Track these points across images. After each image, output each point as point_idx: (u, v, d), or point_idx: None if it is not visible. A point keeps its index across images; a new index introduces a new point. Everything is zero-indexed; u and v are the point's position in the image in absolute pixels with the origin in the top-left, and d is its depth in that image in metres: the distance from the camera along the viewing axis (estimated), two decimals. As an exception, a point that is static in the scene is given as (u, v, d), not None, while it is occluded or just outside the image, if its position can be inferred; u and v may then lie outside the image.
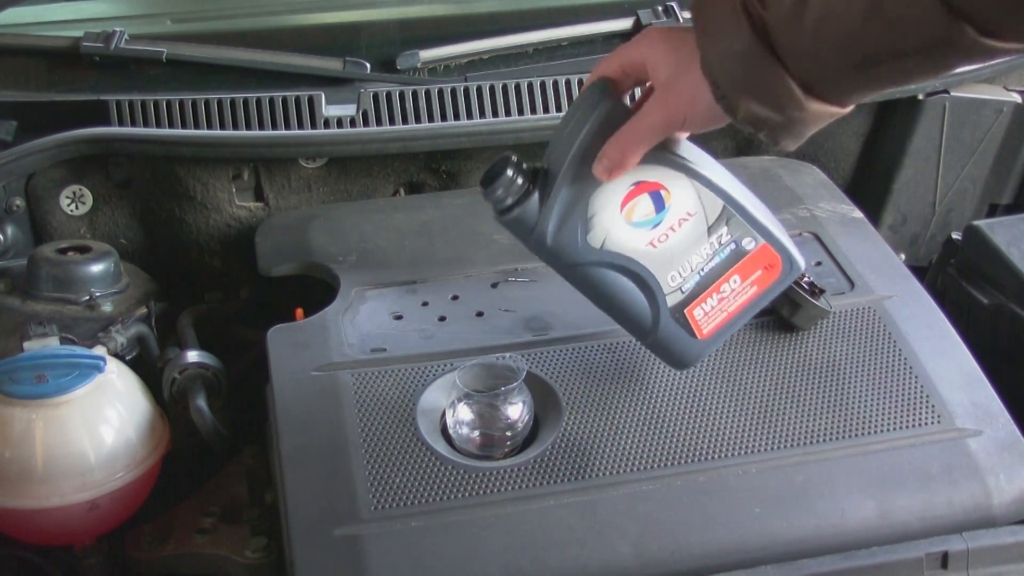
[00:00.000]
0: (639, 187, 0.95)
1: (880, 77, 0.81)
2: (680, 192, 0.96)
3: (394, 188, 1.51)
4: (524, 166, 0.95)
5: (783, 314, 1.13)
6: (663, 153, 0.94)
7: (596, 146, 0.92)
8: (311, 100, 1.42)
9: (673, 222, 0.96)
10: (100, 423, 1.07)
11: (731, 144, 1.60)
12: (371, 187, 1.49)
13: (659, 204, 0.96)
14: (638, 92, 1.02)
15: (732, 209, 0.97)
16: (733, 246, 0.98)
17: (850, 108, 0.86)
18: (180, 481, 1.19)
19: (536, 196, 0.94)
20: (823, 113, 0.84)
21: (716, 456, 1.02)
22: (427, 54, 1.50)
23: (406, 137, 1.42)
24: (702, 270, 0.98)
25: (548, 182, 0.94)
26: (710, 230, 0.97)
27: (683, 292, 0.99)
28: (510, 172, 0.94)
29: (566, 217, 0.95)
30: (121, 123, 1.39)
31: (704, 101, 0.85)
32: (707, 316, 1.00)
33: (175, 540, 1.12)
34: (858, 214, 1.36)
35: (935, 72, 0.80)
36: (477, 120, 1.43)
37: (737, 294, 1.00)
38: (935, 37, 0.75)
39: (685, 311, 0.99)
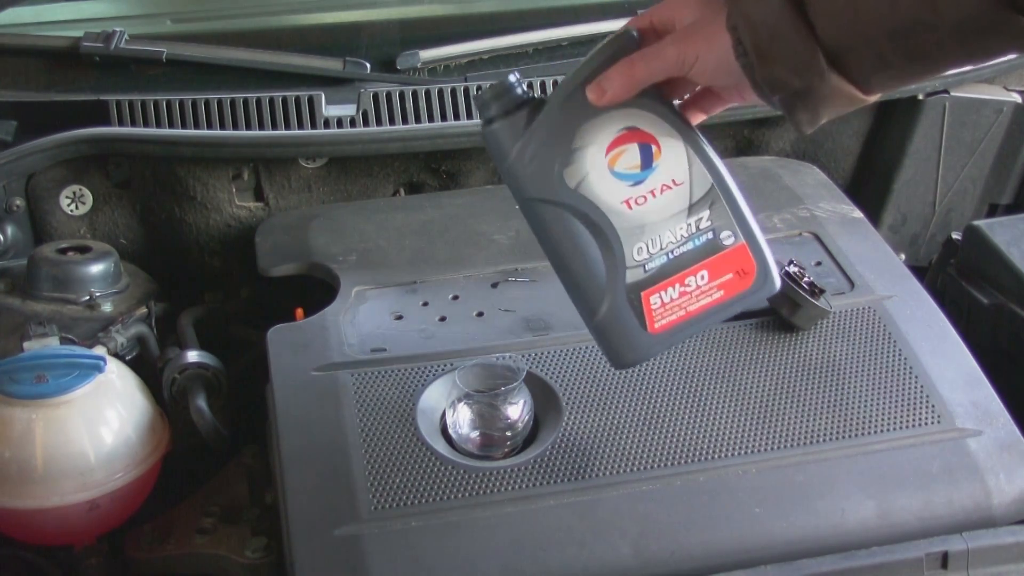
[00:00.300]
0: (631, 134, 0.89)
1: (910, 54, 0.77)
2: (671, 154, 0.89)
3: (394, 188, 1.51)
4: (526, 87, 0.91)
5: (783, 314, 1.13)
6: (666, 107, 0.90)
7: (598, 73, 0.87)
8: (311, 100, 1.42)
9: (655, 186, 0.89)
10: (100, 423, 1.07)
11: (731, 144, 1.60)
12: (371, 187, 1.49)
13: (647, 160, 0.89)
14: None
15: (720, 192, 0.91)
16: (710, 235, 0.91)
17: (870, 99, 0.83)
18: (180, 481, 1.19)
19: (525, 114, 0.89)
20: (842, 93, 0.81)
21: (716, 456, 1.02)
22: (427, 54, 1.50)
23: (406, 137, 1.42)
24: (671, 253, 0.90)
25: (542, 108, 0.89)
26: (691, 209, 0.90)
27: (645, 271, 0.90)
28: (507, 82, 0.89)
29: (549, 142, 0.89)
30: (121, 123, 1.39)
31: (720, 48, 0.82)
32: (664, 308, 0.91)
33: (175, 540, 1.12)
34: (858, 214, 1.36)
35: (967, 56, 0.77)
36: (477, 120, 1.43)
37: (701, 293, 0.91)
38: (974, 14, 0.73)
39: (642, 294, 0.90)
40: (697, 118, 0.94)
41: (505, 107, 0.89)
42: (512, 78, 0.90)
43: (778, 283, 0.93)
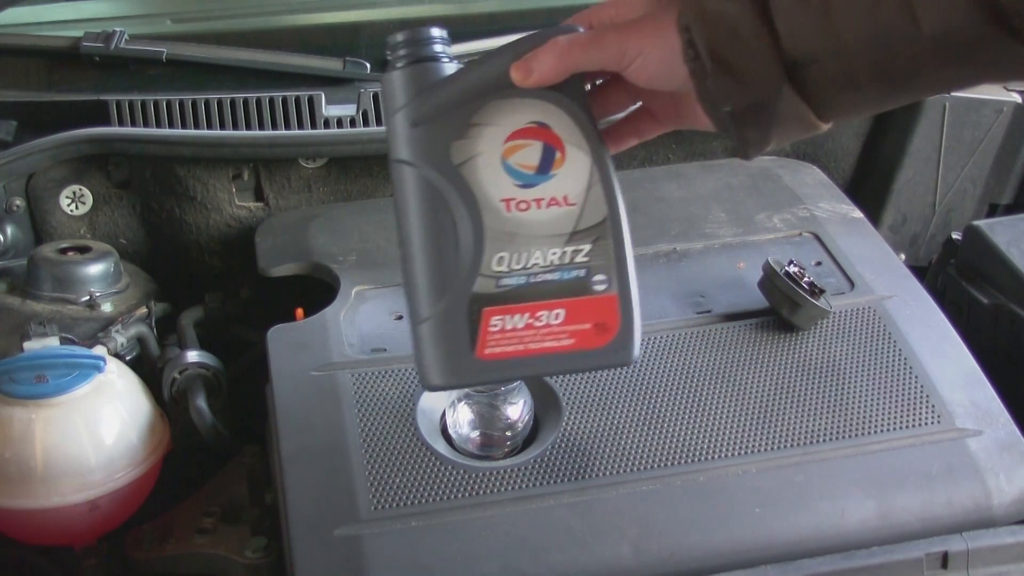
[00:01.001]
0: (539, 130, 0.79)
1: (879, 71, 0.70)
2: (574, 168, 0.79)
3: (394, 188, 1.51)
4: (446, 47, 0.81)
5: (783, 314, 1.13)
6: (586, 115, 0.80)
7: (529, 51, 0.78)
8: (311, 100, 1.42)
9: (544, 196, 0.78)
10: (100, 423, 1.07)
11: (730, 144, 1.59)
12: (371, 187, 1.49)
13: (546, 164, 0.78)
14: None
15: (610, 229, 0.79)
16: (582, 273, 0.79)
17: (823, 127, 0.75)
18: (180, 481, 1.19)
19: (434, 70, 0.79)
20: (796, 115, 0.73)
21: (716, 456, 1.02)
22: (427, 54, 1.49)
23: (406, 137, 1.42)
24: (533, 276, 0.78)
25: (454, 71, 0.80)
26: (572, 236, 0.79)
27: (498, 286, 0.78)
28: (426, 31, 0.80)
29: (449, 108, 0.78)
30: (121, 123, 1.39)
31: (667, 47, 0.73)
32: (502, 335, 0.78)
33: (175, 540, 1.12)
34: (858, 214, 1.36)
35: (941, 80, 0.72)
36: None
37: (549, 334, 0.79)
38: (957, 27, 0.67)
39: (484, 310, 0.78)
40: (627, 142, 0.86)
41: (416, 55, 0.80)
42: (435, 30, 0.81)
43: (636, 354, 0.81)
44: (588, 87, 0.82)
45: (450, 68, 0.80)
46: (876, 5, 0.68)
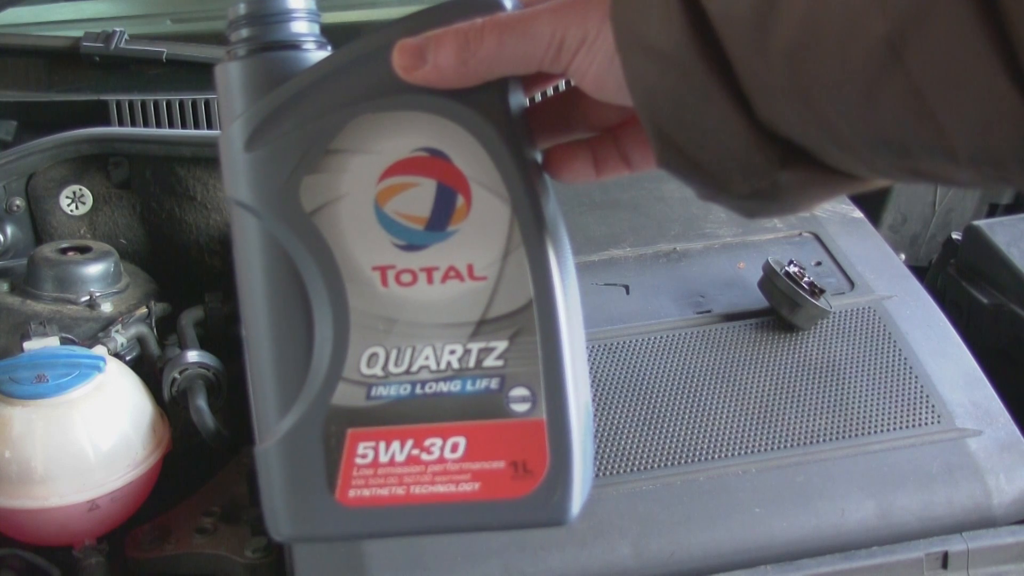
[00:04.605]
0: (432, 163, 0.52)
1: (914, 172, 0.44)
2: (484, 224, 0.52)
3: (394, 188, 1.50)
4: (314, 27, 0.56)
5: (783, 314, 1.13)
6: (513, 146, 0.52)
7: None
8: (311, 100, 1.42)
9: (438, 265, 0.53)
10: (100, 423, 1.07)
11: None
12: (371, 187, 1.49)
13: (442, 215, 0.52)
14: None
15: (538, 316, 0.53)
16: (494, 385, 0.53)
17: (877, 183, 0.48)
18: (180, 481, 1.19)
19: (291, 63, 0.54)
20: (818, 181, 0.47)
21: (716, 456, 1.02)
22: (427, 54, 1.49)
23: (406, 137, 1.41)
24: (421, 385, 0.53)
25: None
26: (480, 327, 0.53)
27: (369, 397, 0.53)
28: (281, 4, 0.55)
29: (301, 121, 0.53)
30: (121, 123, 1.40)
31: (611, 42, 0.47)
32: (373, 471, 0.54)
33: (175, 540, 1.12)
34: (858, 214, 1.36)
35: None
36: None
37: (442, 475, 0.53)
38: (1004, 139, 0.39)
39: (349, 432, 0.54)
40: (610, 167, 0.56)
41: (263, 39, 0.55)
42: (299, 2, 0.55)
43: (574, 510, 0.54)
44: (527, 98, 0.55)
45: (316, 58, 0.55)
46: (871, 99, 0.40)
